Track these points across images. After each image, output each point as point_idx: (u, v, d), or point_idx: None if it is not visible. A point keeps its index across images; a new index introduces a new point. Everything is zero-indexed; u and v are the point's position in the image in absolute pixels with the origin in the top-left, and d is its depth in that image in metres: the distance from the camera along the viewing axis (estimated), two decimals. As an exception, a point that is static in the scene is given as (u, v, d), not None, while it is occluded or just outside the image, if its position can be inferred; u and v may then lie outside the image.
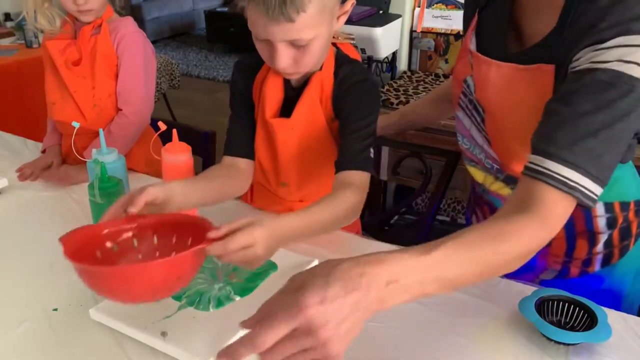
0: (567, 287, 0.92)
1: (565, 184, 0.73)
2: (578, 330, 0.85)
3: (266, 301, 0.64)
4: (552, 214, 0.74)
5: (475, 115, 1.02)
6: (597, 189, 0.75)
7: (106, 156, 1.06)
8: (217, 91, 4.70)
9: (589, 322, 0.85)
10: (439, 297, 0.94)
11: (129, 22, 1.40)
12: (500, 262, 0.72)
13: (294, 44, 0.92)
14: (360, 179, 0.98)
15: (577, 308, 0.88)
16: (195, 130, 1.63)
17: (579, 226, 1.00)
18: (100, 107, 1.40)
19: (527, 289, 0.95)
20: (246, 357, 0.59)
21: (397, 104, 2.08)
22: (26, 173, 1.39)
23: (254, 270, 0.97)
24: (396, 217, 2.52)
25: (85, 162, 1.17)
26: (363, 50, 2.37)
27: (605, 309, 0.87)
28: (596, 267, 1.04)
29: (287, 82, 1.05)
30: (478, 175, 1.10)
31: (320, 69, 1.03)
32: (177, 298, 0.91)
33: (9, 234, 1.15)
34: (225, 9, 6.33)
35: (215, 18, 6.18)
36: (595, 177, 0.74)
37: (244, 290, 0.93)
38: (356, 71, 1.05)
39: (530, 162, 0.77)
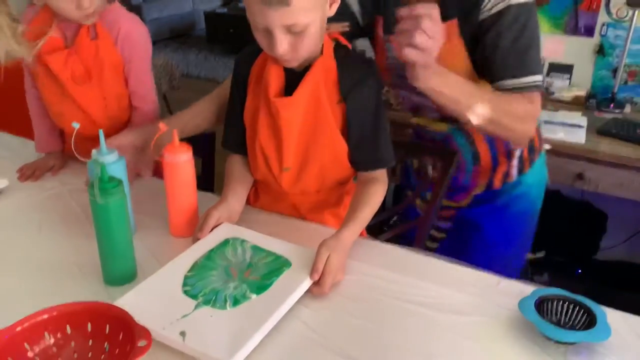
0: (495, 196, 1.38)
1: (539, 85, 1.12)
2: (577, 330, 0.85)
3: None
4: (539, 105, 1.14)
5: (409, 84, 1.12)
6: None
7: (106, 156, 1.06)
8: (217, 92, 4.70)
9: (589, 321, 0.85)
10: (439, 297, 0.95)
11: (121, 13, 1.33)
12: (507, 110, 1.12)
13: (291, 30, 0.95)
14: (382, 173, 1.14)
15: (577, 307, 0.88)
16: (195, 131, 1.63)
17: (499, 147, 1.34)
18: (113, 116, 1.38)
19: (527, 289, 0.95)
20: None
21: (398, 104, 2.08)
22: (27, 173, 1.39)
23: (269, 267, 0.99)
24: (396, 217, 2.51)
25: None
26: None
27: (605, 309, 0.87)
28: (513, 176, 1.38)
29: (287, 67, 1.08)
30: (421, 120, 1.40)
31: (322, 53, 1.06)
32: (194, 297, 0.91)
33: (9, 234, 1.15)
34: (225, 10, 6.32)
35: (215, 19, 6.17)
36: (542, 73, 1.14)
37: (260, 287, 0.93)
38: (362, 62, 1.11)
39: (517, 83, 1.10)
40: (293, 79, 1.07)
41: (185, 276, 0.96)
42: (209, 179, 1.61)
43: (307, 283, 0.95)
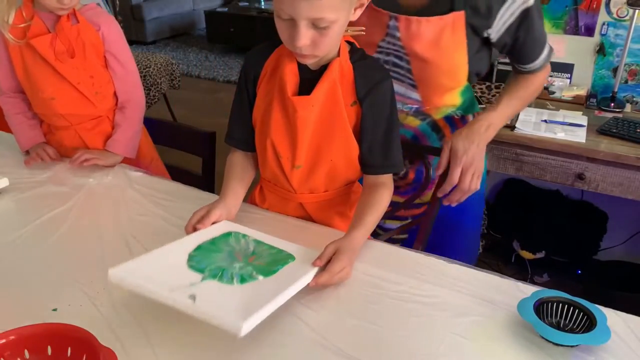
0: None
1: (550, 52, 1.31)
2: (577, 332, 0.85)
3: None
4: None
5: (398, 69, 1.27)
6: None
7: None
8: (217, 91, 4.70)
9: (588, 323, 0.85)
10: (439, 297, 0.95)
11: (98, 9, 1.44)
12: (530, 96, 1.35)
13: (315, 25, 0.95)
14: (389, 178, 1.15)
15: (577, 310, 0.88)
16: (195, 130, 1.63)
17: None
18: (102, 94, 1.44)
19: (527, 290, 0.95)
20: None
21: (397, 104, 2.08)
22: (35, 158, 1.44)
23: (273, 257, 0.99)
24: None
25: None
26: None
27: (605, 311, 0.87)
28: None
29: (302, 65, 1.08)
30: None
31: (338, 54, 1.06)
32: (200, 270, 0.90)
33: (9, 234, 1.15)
34: (226, 9, 6.31)
35: (215, 18, 6.17)
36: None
37: (266, 272, 0.93)
38: (378, 67, 1.13)
39: (543, 57, 1.28)
40: (308, 77, 1.07)
41: (189, 254, 0.95)
42: (209, 179, 1.61)
43: (314, 271, 0.95)
